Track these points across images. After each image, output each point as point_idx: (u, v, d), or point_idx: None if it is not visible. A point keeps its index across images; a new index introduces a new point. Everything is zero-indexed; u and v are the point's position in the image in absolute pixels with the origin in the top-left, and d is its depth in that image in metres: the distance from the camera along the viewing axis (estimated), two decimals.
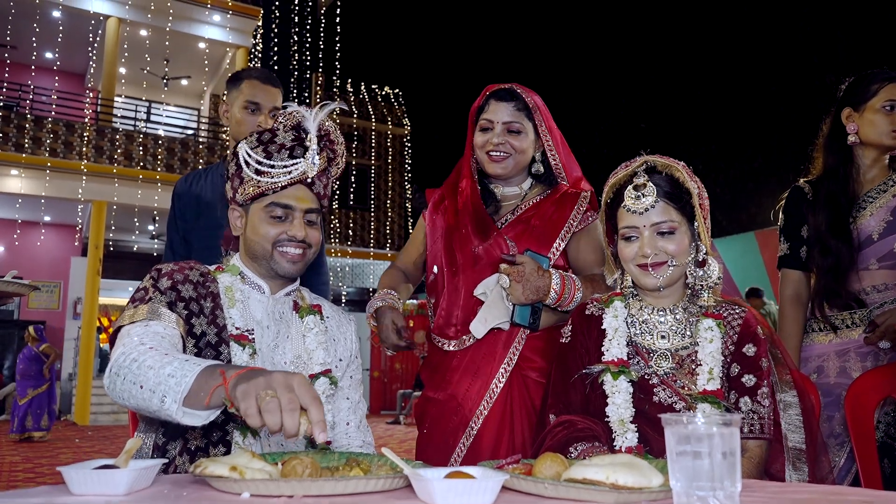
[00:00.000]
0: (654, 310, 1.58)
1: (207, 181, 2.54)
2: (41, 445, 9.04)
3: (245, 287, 1.56)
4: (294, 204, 1.51)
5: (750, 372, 1.48)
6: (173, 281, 1.47)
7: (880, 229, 2.08)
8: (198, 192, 2.53)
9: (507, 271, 1.75)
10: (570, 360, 1.60)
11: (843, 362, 2.07)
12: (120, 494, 0.92)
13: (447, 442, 1.84)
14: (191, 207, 2.52)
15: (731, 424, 0.81)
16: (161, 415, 1.15)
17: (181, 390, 1.11)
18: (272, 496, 0.91)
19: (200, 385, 1.10)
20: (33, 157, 12.47)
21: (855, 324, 2.08)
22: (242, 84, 2.47)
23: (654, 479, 0.90)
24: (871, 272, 2.08)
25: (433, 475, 0.91)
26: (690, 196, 1.54)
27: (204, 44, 14.63)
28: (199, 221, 2.48)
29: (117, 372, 1.24)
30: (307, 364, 1.56)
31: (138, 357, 1.22)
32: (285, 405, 0.99)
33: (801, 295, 2.21)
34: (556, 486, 0.90)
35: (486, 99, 1.98)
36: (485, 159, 1.95)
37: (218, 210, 2.37)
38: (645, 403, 1.50)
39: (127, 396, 1.21)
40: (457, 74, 29.76)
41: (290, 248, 1.52)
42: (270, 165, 1.49)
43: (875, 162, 2.19)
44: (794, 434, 1.52)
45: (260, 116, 2.43)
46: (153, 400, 1.14)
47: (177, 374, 1.13)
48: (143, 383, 1.17)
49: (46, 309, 15.12)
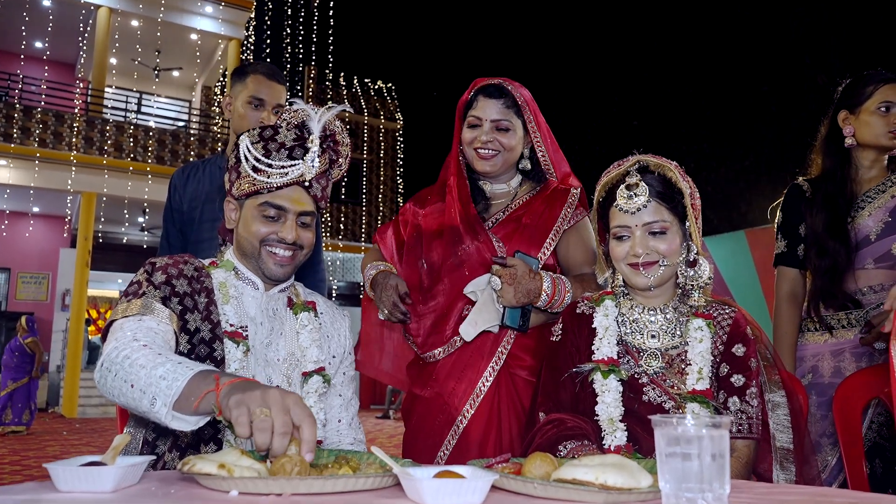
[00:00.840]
0: (644, 309, 1.58)
1: (206, 173, 2.51)
2: (28, 438, 8.99)
3: (239, 283, 1.54)
4: (288, 206, 1.47)
5: (739, 372, 1.49)
6: (168, 275, 1.44)
7: (878, 230, 2.09)
8: (196, 185, 2.50)
9: (499, 273, 1.74)
10: (560, 359, 1.60)
11: (837, 362, 2.08)
12: (107, 491, 0.91)
13: (433, 440, 1.83)
14: (188, 199, 2.50)
15: (721, 427, 0.81)
16: (150, 416, 1.14)
17: (172, 394, 1.10)
18: (261, 494, 0.90)
19: (192, 389, 1.09)
20: (22, 147, 12.36)
21: (851, 324, 2.08)
22: (248, 79, 2.44)
23: (643, 480, 0.90)
24: (867, 272, 2.09)
25: (422, 474, 0.90)
26: (682, 196, 1.54)
27: (196, 35, 14.53)
28: (196, 214, 2.46)
29: (109, 367, 1.22)
30: (300, 361, 1.55)
31: (131, 354, 1.21)
32: (278, 427, 0.98)
33: (796, 293, 2.21)
34: (546, 487, 0.91)
35: (475, 94, 1.96)
36: (473, 156, 1.94)
37: (217, 203, 2.36)
38: (634, 402, 1.50)
39: (117, 394, 1.20)
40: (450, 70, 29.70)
41: (279, 250, 1.49)
42: (268, 164, 1.46)
43: (874, 163, 2.19)
44: (782, 434, 1.53)
45: (263, 112, 2.41)
46: (143, 400, 1.13)
47: (168, 376, 1.12)
48: (135, 382, 1.16)
49: (34, 300, 15.01)
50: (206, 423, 1.35)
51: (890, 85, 2.15)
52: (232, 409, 1.00)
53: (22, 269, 15.01)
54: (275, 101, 2.43)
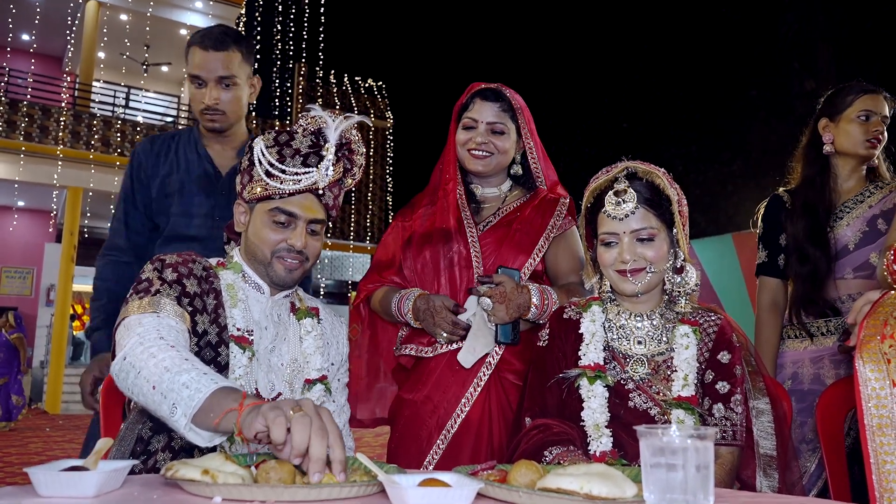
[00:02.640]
0: (631, 315, 1.58)
1: (180, 157, 2.23)
2: (10, 434, 8.90)
3: (245, 286, 1.51)
4: (299, 213, 1.45)
5: (724, 379, 1.50)
6: (178, 274, 1.40)
7: (856, 240, 2.12)
8: (168, 168, 2.22)
9: (488, 293, 1.75)
10: (547, 364, 1.60)
11: (817, 369, 2.11)
12: (88, 497, 0.90)
13: (421, 444, 1.83)
14: (158, 184, 2.20)
15: (706, 438, 0.82)
16: (168, 423, 1.11)
17: (193, 405, 1.07)
18: (244, 501, 0.90)
19: (213, 404, 1.06)
20: (7, 140, 12.26)
21: (830, 332, 2.11)
22: (189, 53, 2.16)
23: (627, 490, 0.91)
24: (846, 281, 2.12)
25: (407, 482, 0.90)
26: (670, 203, 1.55)
27: (185, 30, 14.44)
28: (169, 203, 2.19)
29: (132, 363, 1.18)
30: (303, 368, 1.53)
31: (157, 353, 1.17)
32: (316, 429, 0.95)
33: (777, 302, 2.24)
34: (531, 495, 0.91)
35: (471, 97, 1.97)
36: (466, 156, 1.95)
37: (195, 198, 2.17)
38: (620, 408, 1.50)
39: (137, 392, 1.17)
40: (441, 69, 29.71)
41: (289, 258, 1.47)
42: (282, 170, 1.43)
43: (852, 172, 2.22)
44: (766, 441, 1.54)
45: (204, 90, 2.13)
46: (163, 405, 1.10)
47: (192, 385, 1.09)
48: (157, 384, 1.12)
49: (18, 295, 14.86)
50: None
51: (870, 95, 2.20)
52: (267, 413, 0.97)
53: (6, 263, 14.87)
54: (214, 74, 2.11)
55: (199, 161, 2.23)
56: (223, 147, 2.26)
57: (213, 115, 2.15)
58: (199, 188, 2.18)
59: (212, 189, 2.19)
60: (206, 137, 2.26)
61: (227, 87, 2.14)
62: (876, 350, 1.24)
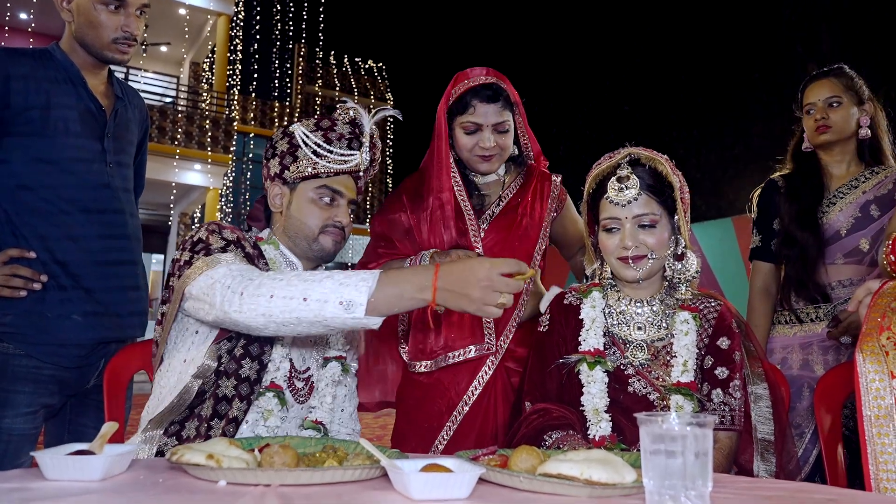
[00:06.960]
0: (631, 301, 1.59)
1: (58, 87, 1.77)
2: None
3: (282, 262, 1.57)
4: (344, 191, 1.57)
5: (723, 364, 1.51)
6: (237, 236, 1.46)
7: (848, 225, 2.13)
8: (45, 97, 1.74)
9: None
10: (547, 349, 1.61)
11: (806, 355, 2.13)
12: (95, 480, 0.91)
13: (430, 425, 1.85)
14: (38, 102, 1.73)
15: (705, 426, 0.83)
16: (332, 323, 1.19)
17: (368, 286, 1.17)
18: (249, 485, 0.91)
19: (387, 282, 1.18)
20: None
21: (819, 318, 2.13)
22: None
23: (626, 476, 0.92)
24: (837, 267, 2.14)
25: (409, 467, 0.91)
26: (672, 189, 1.55)
27: (184, 10, 14.32)
28: (60, 149, 1.74)
29: (257, 289, 1.22)
30: (324, 348, 1.60)
31: (278, 276, 1.24)
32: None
33: (769, 287, 2.26)
34: (532, 480, 0.92)
35: (468, 98, 1.89)
36: (475, 160, 1.93)
37: (94, 147, 1.79)
38: (620, 393, 1.52)
39: (278, 312, 1.21)
40: (441, 50, 29.52)
41: (335, 232, 1.57)
42: (329, 150, 1.54)
43: (838, 160, 2.24)
44: (764, 426, 1.56)
45: (120, 16, 1.79)
46: (325, 309, 1.18)
47: (350, 281, 1.18)
48: (307, 295, 1.18)
49: None
50: (236, 421, 1.37)
51: (812, 85, 2.26)
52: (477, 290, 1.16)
53: None
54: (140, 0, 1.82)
55: (88, 99, 1.83)
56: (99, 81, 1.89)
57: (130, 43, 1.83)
58: (91, 130, 1.82)
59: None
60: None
61: (142, 14, 1.84)
62: (875, 343, 1.25)
